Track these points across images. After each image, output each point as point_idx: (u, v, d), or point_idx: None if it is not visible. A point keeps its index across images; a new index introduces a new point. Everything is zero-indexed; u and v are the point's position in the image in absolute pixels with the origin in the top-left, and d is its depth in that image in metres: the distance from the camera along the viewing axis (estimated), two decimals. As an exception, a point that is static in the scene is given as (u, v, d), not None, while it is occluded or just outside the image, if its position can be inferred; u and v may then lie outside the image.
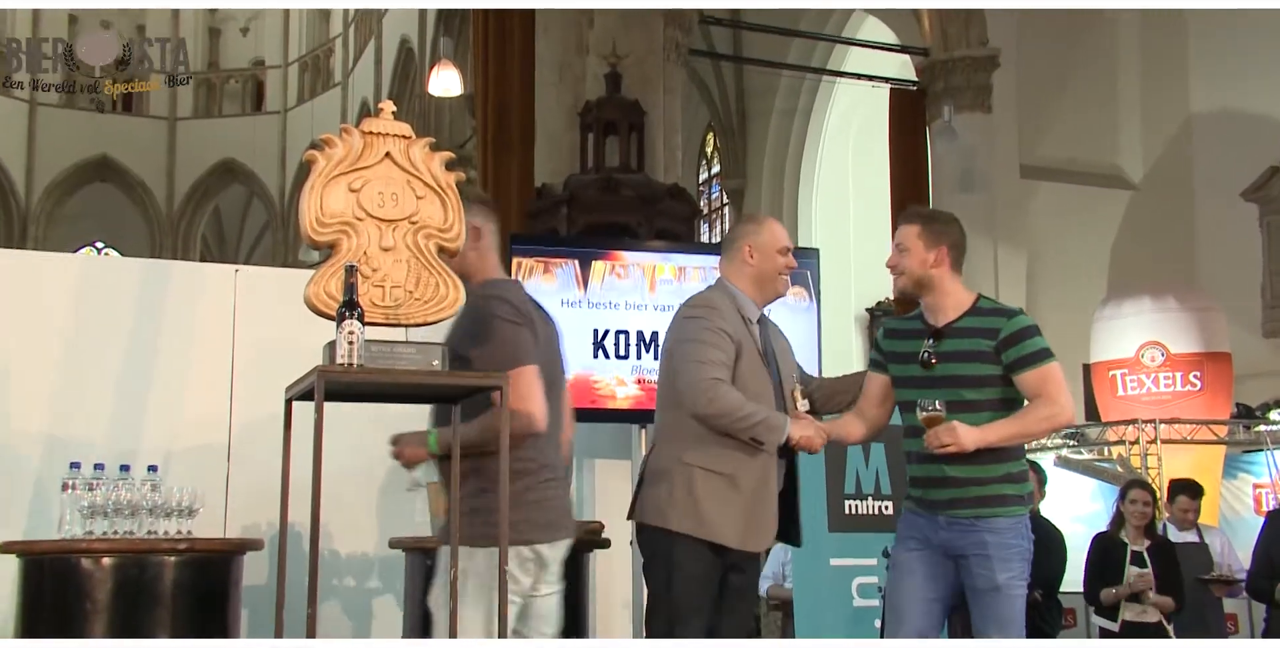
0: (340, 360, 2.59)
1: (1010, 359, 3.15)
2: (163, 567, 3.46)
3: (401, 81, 19.29)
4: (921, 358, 3.19)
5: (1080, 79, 12.48)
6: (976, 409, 3.13)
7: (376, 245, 2.80)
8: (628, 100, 9.47)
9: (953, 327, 3.21)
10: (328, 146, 2.83)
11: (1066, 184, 12.36)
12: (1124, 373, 9.75)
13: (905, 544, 3.27)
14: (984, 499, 3.14)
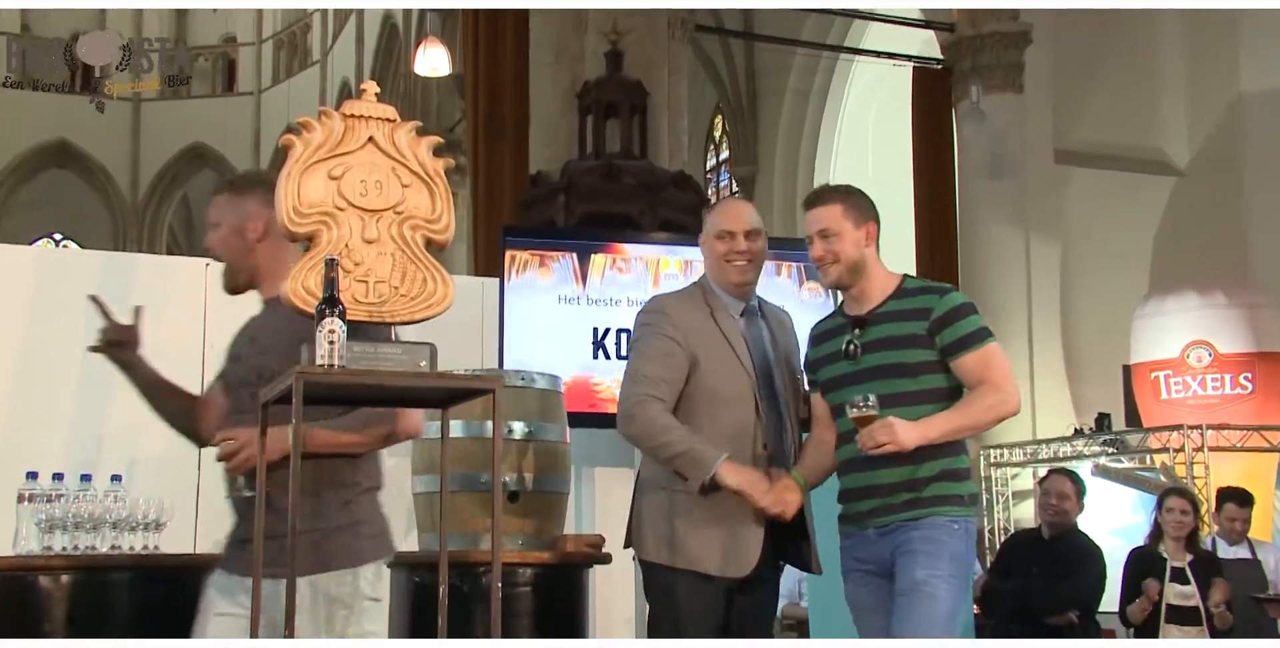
0: (320, 362, 2.58)
1: (946, 342, 3.02)
2: (127, 585, 3.46)
3: (385, 60, 19.32)
4: (845, 350, 3.07)
5: (1120, 56, 12.44)
6: (916, 402, 3.00)
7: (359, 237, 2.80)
8: (629, 81, 9.47)
9: (877, 312, 3.09)
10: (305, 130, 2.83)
11: (1105, 170, 12.34)
12: (1168, 375, 9.74)
13: (853, 577, 3.11)
14: (915, 502, 2.99)
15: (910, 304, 3.08)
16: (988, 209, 11.79)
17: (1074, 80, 12.22)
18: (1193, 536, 5.60)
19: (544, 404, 3.93)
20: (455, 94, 14.21)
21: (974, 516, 3.06)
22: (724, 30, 14.53)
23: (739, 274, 3.20)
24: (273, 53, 24.90)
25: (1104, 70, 12.38)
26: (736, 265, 3.19)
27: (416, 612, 3.70)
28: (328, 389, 2.68)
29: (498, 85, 10.11)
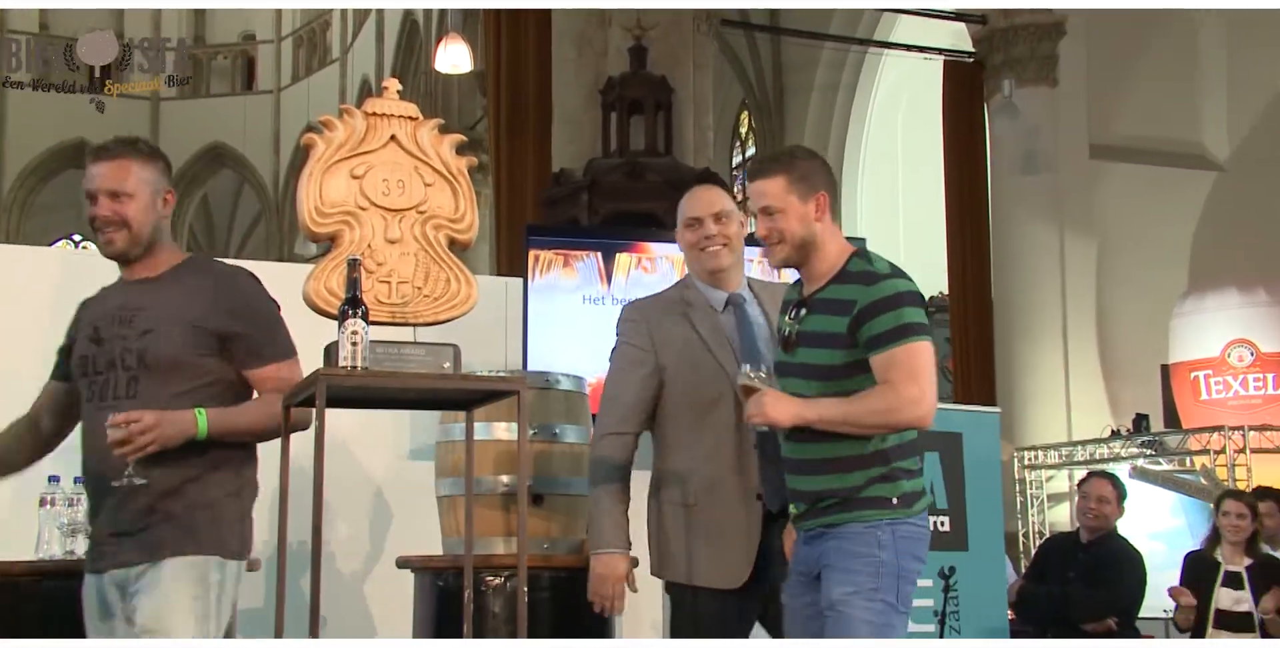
0: (343, 363, 2.60)
1: (864, 338, 2.70)
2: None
3: (405, 57, 19.39)
4: (783, 336, 2.85)
5: (1158, 48, 12.34)
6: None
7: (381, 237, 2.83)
8: (654, 76, 9.48)
9: (816, 298, 2.81)
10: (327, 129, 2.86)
11: (1142, 165, 12.25)
12: (1208, 374, 9.68)
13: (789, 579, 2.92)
14: (839, 507, 2.75)
15: (842, 293, 2.77)
16: (1021, 206, 11.74)
17: (1110, 73, 12.14)
18: (1252, 540, 5.51)
19: (568, 406, 3.93)
20: (476, 91, 14.25)
21: (913, 515, 2.76)
22: (750, 25, 14.52)
23: (712, 260, 3.08)
24: (292, 50, 25.02)
25: (1141, 62, 12.29)
26: (709, 252, 3.09)
27: (440, 616, 3.72)
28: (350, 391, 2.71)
29: (520, 82, 10.13)
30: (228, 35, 25.93)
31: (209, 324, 2.68)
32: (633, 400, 3.08)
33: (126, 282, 2.79)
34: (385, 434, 4.61)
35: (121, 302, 2.74)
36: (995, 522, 5.96)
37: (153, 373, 2.65)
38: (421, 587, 3.84)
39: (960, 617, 5.49)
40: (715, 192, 3.24)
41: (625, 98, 9.45)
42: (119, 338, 2.69)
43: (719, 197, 3.20)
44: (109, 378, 2.68)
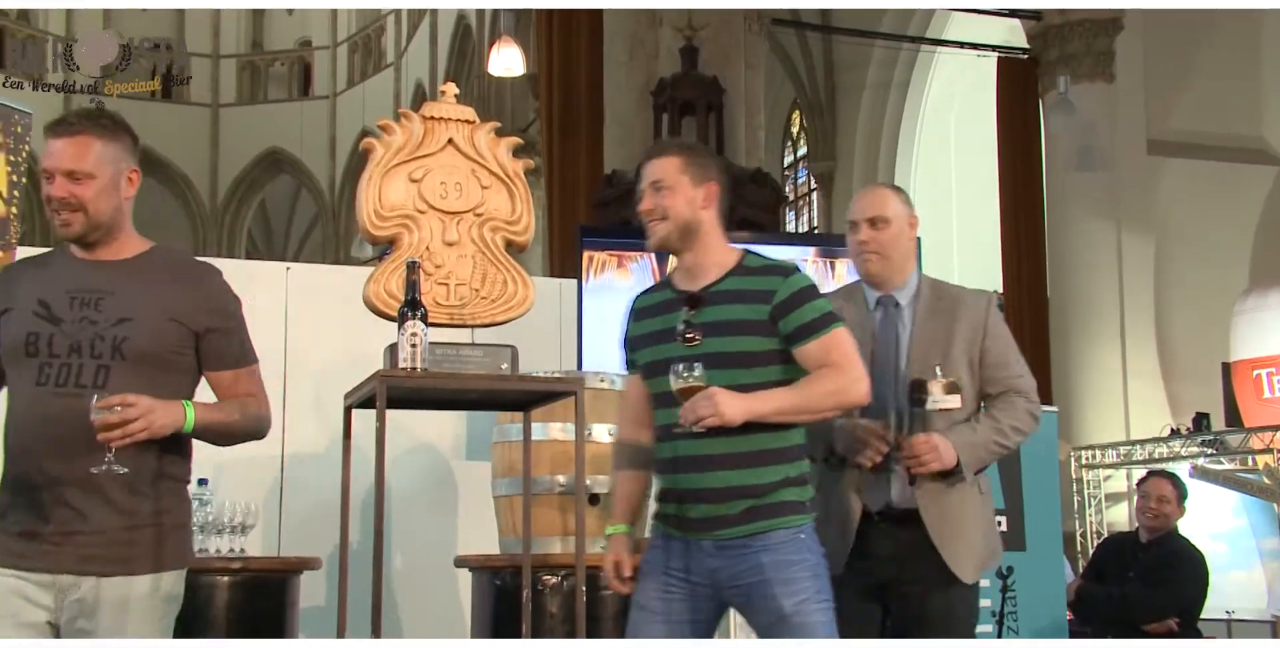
0: (403, 365, 2.63)
1: (790, 328, 2.73)
2: (215, 588, 3.54)
3: (459, 61, 19.52)
4: (679, 332, 2.76)
5: (1217, 42, 12.16)
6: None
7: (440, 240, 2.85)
8: (705, 77, 9.47)
9: (714, 290, 2.78)
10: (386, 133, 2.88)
11: (1201, 160, 12.08)
12: (1270, 372, 9.53)
13: (655, 580, 2.77)
14: (756, 512, 2.70)
15: (752, 284, 2.77)
16: (1077, 204, 11.61)
17: (1168, 67, 11.97)
18: None
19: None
20: (529, 94, 14.31)
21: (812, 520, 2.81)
22: (801, 24, 14.47)
23: (860, 266, 3.13)
24: (347, 56, 25.26)
25: (1200, 56, 12.11)
26: (860, 258, 3.11)
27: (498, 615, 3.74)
28: (410, 392, 2.73)
29: (572, 83, 10.16)
30: (285, 42, 26.23)
31: (189, 321, 2.53)
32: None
33: (80, 259, 2.56)
34: (443, 435, 4.64)
35: (79, 281, 2.52)
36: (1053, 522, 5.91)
37: (127, 365, 2.46)
38: (479, 586, 3.86)
39: (1019, 617, 5.44)
40: (877, 194, 3.17)
41: (677, 98, 9.46)
42: (85, 322, 2.48)
43: (877, 200, 3.14)
44: (71, 364, 2.45)
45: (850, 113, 16.83)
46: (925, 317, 3.09)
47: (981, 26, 13.04)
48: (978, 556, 3.05)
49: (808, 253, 5.02)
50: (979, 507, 3.08)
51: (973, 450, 2.98)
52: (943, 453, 2.91)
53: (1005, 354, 3.11)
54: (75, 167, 2.48)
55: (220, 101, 25.19)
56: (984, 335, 3.09)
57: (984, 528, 3.09)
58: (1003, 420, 3.04)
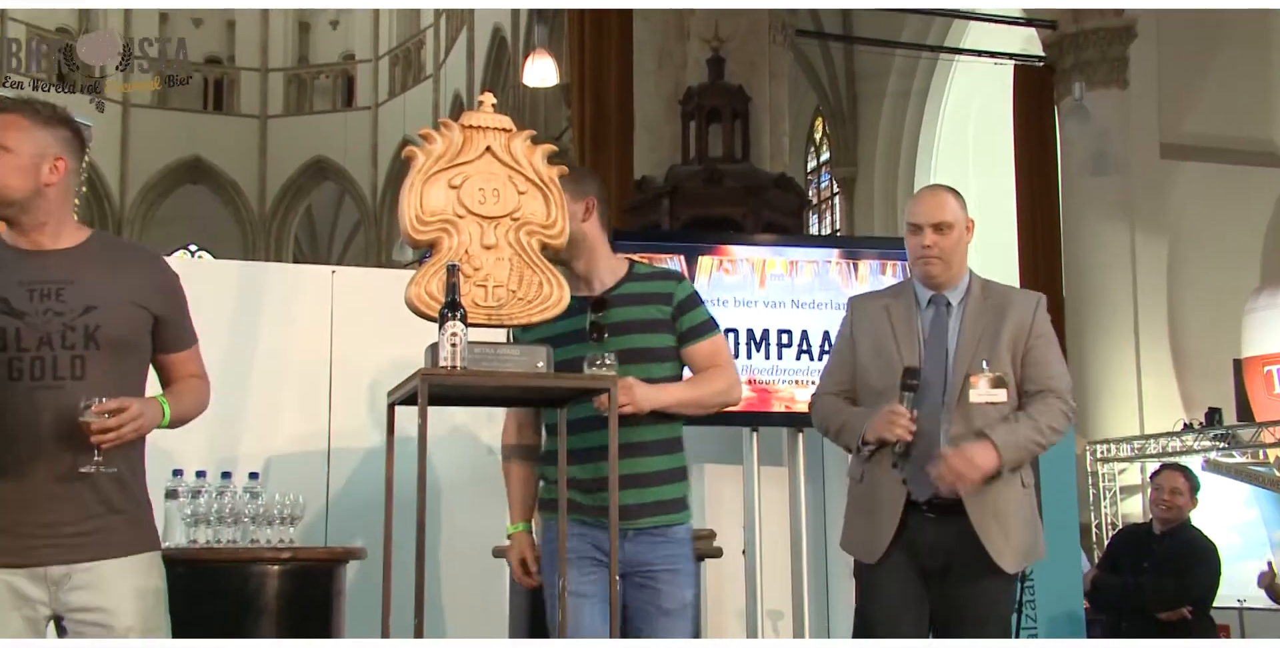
0: (443, 363, 2.63)
1: (685, 328, 2.94)
2: (265, 577, 3.56)
3: (495, 72, 19.57)
4: (589, 331, 2.86)
5: (1229, 48, 12.04)
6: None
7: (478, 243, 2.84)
8: (731, 86, 9.46)
9: (616, 294, 2.95)
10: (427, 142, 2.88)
11: (1213, 164, 11.97)
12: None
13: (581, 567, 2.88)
14: (667, 504, 2.89)
15: (649, 288, 2.98)
16: (1092, 207, 11.53)
17: (1180, 73, 11.87)
18: None
19: (655, 403, 3.94)
20: (561, 103, 14.32)
21: None
22: (824, 34, 14.44)
23: (920, 269, 3.12)
24: (389, 68, 25.37)
25: (1212, 62, 12.00)
26: (921, 261, 3.10)
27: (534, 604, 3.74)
28: (450, 389, 2.73)
29: (603, 93, 10.17)
30: (329, 56, 26.37)
31: (149, 304, 2.50)
32: (840, 370, 3.19)
33: (25, 251, 2.46)
34: (481, 430, 4.66)
35: (33, 273, 2.43)
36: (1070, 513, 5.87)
37: (102, 353, 2.41)
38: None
39: (1037, 606, 5.41)
40: (941, 199, 3.14)
41: (704, 107, 9.45)
42: (50, 314, 2.40)
43: (943, 205, 3.12)
44: (44, 356, 2.38)
45: (871, 120, 16.77)
46: (974, 315, 3.09)
47: (998, 36, 12.97)
48: (1020, 547, 3.02)
49: (831, 255, 5.00)
50: (1022, 500, 3.05)
51: (1015, 451, 2.96)
52: (979, 462, 2.90)
53: (1047, 354, 3.10)
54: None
55: (268, 113, 25.35)
56: (1029, 334, 3.08)
57: (1027, 521, 3.06)
58: (1040, 420, 3.01)
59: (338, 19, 26.40)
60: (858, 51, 16.01)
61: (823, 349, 4.77)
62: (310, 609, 3.68)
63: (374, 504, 3.46)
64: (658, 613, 2.87)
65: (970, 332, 3.06)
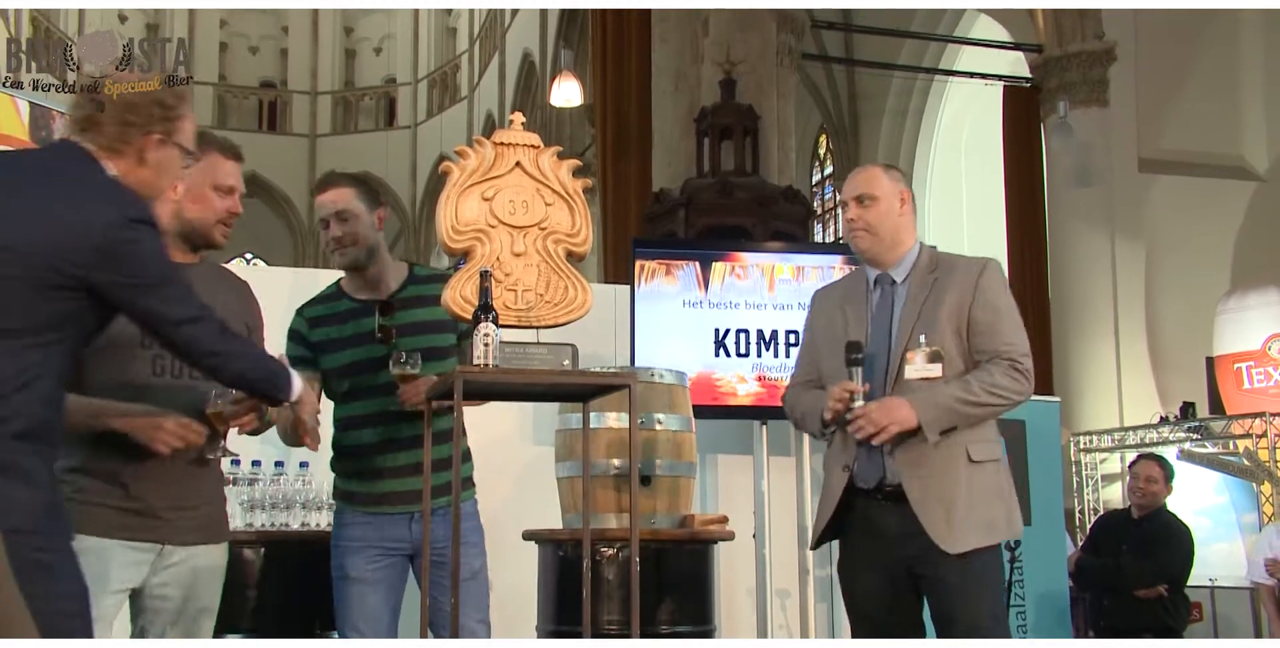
0: (477, 361, 2.64)
1: (464, 327, 2.90)
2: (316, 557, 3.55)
3: (524, 94, 19.57)
4: (377, 334, 2.86)
5: (1201, 70, 11.97)
6: None
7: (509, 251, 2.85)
8: (742, 106, 9.43)
9: (400, 297, 2.95)
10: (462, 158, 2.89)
11: (1187, 176, 11.90)
12: (1250, 366, 9.39)
13: (365, 554, 2.90)
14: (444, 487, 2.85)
15: (431, 290, 2.94)
16: (1075, 216, 11.49)
17: (1156, 93, 11.81)
18: None
19: (671, 398, 3.94)
20: (586, 122, 14.32)
21: None
22: (827, 57, 14.39)
23: (851, 242, 2.92)
24: (427, 91, 25.42)
25: (1185, 83, 11.94)
26: (850, 236, 2.92)
27: (561, 582, 3.74)
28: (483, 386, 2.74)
29: (624, 112, 10.17)
30: (373, 80, 26.45)
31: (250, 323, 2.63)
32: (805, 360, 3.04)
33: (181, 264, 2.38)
34: (512, 423, 4.65)
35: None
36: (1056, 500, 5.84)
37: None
38: (545, 556, 3.86)
39: (1025, 585, 5.38)
40: (865, 173, 2.94)
41: (717, 125, 9.43)
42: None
43: (865, 179, 2.91)
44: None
45: (871, 136, 16.71)
46: (915, 290, 2.85)
47: (988, 59, 12.91)
48: (968, 525, 2.69)
49: (835, 261, 4.98)
50: (970, 477, 2.74)
51: (933, 409, 2.67)
52: (894, 413, 2.66)
53: (993, 323, 2.79)
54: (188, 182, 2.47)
55: (317, 132, 25.44)
56: (972, 304, 2.79)
57: (979, 498, 2.73)
58: (972, 381, 2.72)
59: (381, 46, 26.47)
60: (858, 73, 15.96)
61: (826, 348, 4.75)
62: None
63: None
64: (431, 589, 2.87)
65: (909, 307, 2.83)
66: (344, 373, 2.96)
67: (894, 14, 13.49)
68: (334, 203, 2.98)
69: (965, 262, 2.91)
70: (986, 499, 2.75)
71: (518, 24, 20.01)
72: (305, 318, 3.05)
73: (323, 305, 3.07)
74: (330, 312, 3.03)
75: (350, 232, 2.97)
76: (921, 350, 2.76)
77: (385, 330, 2.86)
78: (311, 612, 3.47)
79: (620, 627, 3.51)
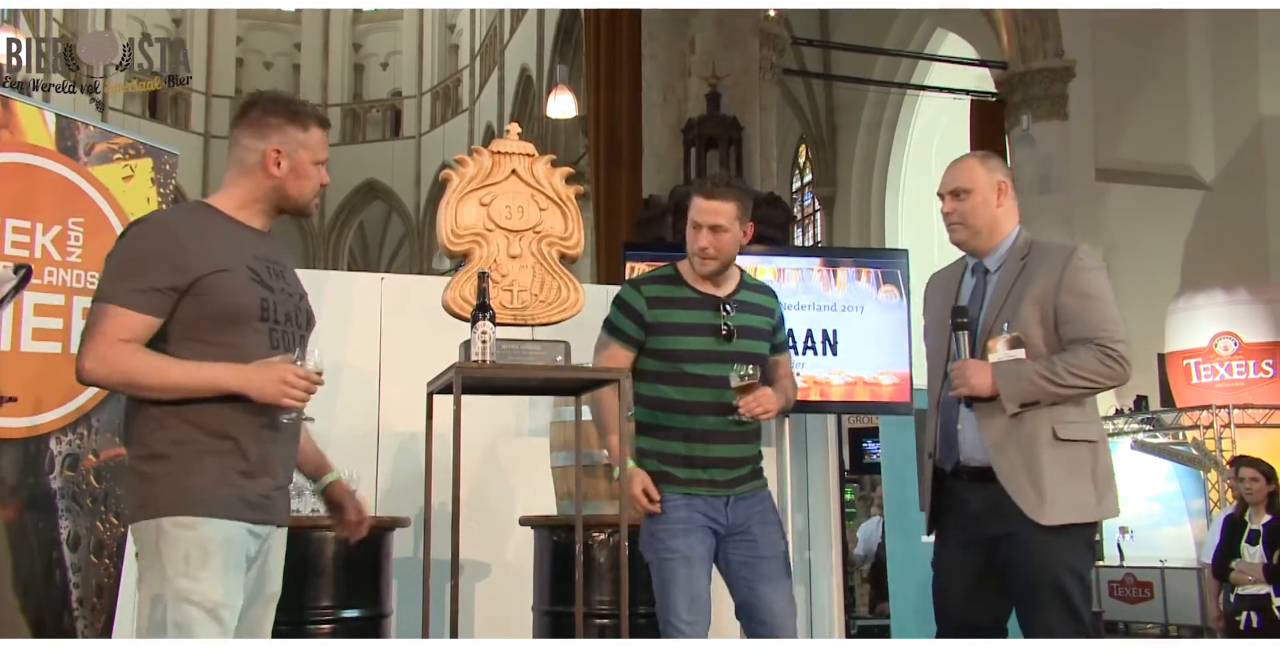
0: (475, 357, 2.61)
1: (778, 341, 2.90)
2: (324, 542, 3.54)
3: (521, 106, 19.53)
4: (720, 329, 2.76)
5: (1153, 86, 12.05)
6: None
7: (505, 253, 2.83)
8: (727, 117, 9.42)
9: (736, 299, 2.84)
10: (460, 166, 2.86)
11: (1141, 185, 11.96)
12: (1198, 362, 9.41)
13: (692, 536, 2.72)
14: (759, 472, 2.86)
15: (757, 299, 2.87)
16: (1038, 222, 11.47)
17: (1113, 108, 11.87)
18: (1272, 498, 5.27)
19: (659, 391, 3.91)
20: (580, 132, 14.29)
21: None
22: (807, 72, 14.39)
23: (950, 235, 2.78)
24: (430, 103, 25.35)
25: (1139, 98, 12.01)
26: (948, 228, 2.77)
27: (555, 564, 3.72)
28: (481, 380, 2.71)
29: (615, 123, 10.15)
30: (379, 93, 26.37)
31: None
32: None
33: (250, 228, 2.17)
34: (508, 416, 4.63)
35: (259, 250, 2.15)
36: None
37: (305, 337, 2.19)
38: (540, 541, 3.84)
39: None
40: (960, 166, 2.77)
41: (703, 135, 9.41)
42: (285, 293, 2.16)
43: (960, 172, 2.75)
44: (288, 332, 2.14)
45: (848, 146, 16.73)
46: (1004, 278, 2.68)
47: (957, 75, 12.94)
48: (1060, 500, 2.51)
49: (813, 263, 4.97)
50: (1057, 452, 2.55)
51: (1013, 380, 2.53)
52: (970, 377, 2.55)
53: (1082, 309, 2.62)
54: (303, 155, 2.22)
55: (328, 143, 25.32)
56: (1058, 291, 2.61)
57: (1068, 473, 2.54)
58: (1056, 361, 2.56)
59: (387, 62, 26.39)
60: (836, 88, 15.98)
61: (806, 345, 4.73)
62: (362, 569, 3.66)
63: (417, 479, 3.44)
64: (756, 561, 2.76)
65: (997, 294, 2.66)
66: (679, 358, 2.75)
67: (869, 32, 13.50)
68: (714, 215, 2.79)
69: (1056, 248, 2.73)
70: (1076, 477, 2.57)
71: (516, 41, 19.97)
72: (644, 296, 2.81)
73: (660, 286, 2.83)
74: (669, 295, 2.81)
75: (718, 245, 2.78)
76: (1003, 337, 2.60)
77: (730, 329, 2.76)
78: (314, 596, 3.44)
79: (610, 607, 3.49)
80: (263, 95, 2.22)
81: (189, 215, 2.15)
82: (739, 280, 2.87)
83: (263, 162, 2.15)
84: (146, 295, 1.98)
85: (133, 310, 1.97)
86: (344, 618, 3.49)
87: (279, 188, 2.18)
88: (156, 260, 2.00)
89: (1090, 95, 11.74)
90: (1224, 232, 11.88)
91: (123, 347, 1.96)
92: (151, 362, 1.98)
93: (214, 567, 1.95)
